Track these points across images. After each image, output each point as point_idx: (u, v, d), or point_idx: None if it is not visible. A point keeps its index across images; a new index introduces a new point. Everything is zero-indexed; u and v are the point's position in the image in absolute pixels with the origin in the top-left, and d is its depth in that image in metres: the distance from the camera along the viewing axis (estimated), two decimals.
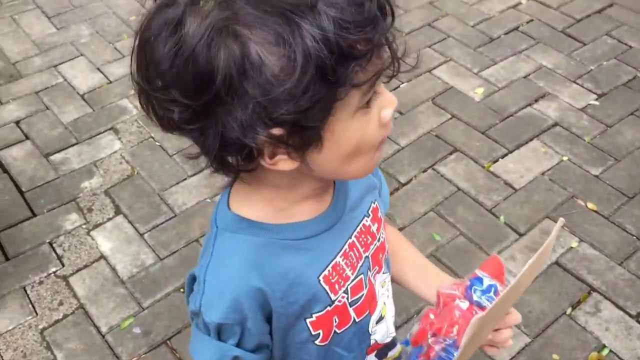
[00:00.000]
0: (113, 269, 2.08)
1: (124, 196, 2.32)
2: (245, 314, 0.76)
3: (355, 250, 0.84)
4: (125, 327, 1.91)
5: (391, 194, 2.29)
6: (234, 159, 0.69)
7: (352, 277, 0.83)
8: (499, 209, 2.23)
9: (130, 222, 2.22)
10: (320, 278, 0.79)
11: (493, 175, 2.34)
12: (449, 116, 2.57)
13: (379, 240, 0.89)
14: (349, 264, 0.83)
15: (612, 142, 2.45)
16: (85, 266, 2.09)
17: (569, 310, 1.93)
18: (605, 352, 1.82)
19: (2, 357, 1.86)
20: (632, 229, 2.14)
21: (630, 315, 1.90)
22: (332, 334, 0.84)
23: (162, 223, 2.21)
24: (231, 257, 0.77)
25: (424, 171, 2.36)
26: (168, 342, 1.89)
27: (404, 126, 2.54)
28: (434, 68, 2.80)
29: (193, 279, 0.82)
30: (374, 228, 0.87)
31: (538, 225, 2.17)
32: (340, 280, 0.82)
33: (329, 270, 0.80)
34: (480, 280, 0.87)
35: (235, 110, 0.63)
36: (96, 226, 2.21)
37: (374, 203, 0.89)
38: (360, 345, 0.90)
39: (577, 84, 2.71)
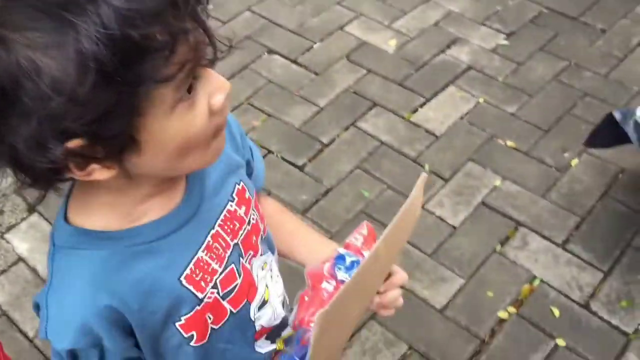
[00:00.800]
0: (33, 270, 1.97)
1: (36, 193, 2.19)
2: (98, 335, 0.70)
3: (221, 241, 0.78)
4: None
5: (315, 156, 2.26)
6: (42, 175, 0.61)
7: (220, 270, 0.77)
8: (423, 157, 2.24)
9: (46, 219, 2.11)
10: (182, 279, 0.73)
11: (414, 125, 2.35)
12: (365, 71, 2.55)
13: (249, 224, 0.83)
14: (215, 256, 0.77)
15: (525, 79, 2.50)
16: (3, 271, 1.97)
17: (498, 247, 1.97)
18: (536, 282, 1.87)
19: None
20: (551, 161, 2.20)
21: (556, 244, 1.96)
22: (209, 332, 0.79)
23: None
24: (72, 278, 0.70)
25: (346, 129, 2.34)
26: None
27: (320, 86, 2.50)
28: (345, 25, 2.76)
29: (36, 306, 0.74)
30: (241, 212, 0.81)
31: (462, 169, 2.19)
32: (206, 276, 0.76)
33: (190, 269, 0.74)
34: (342, 258, 0.85)
35: (18, 127, 0.56)
36: (10, 228, 2.09)
37: (239, 184, 0.82)
38: (245, 334, 0.86)
39: (486, 25, 2.74)
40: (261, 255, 0.87)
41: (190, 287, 0.74)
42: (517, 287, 1.86)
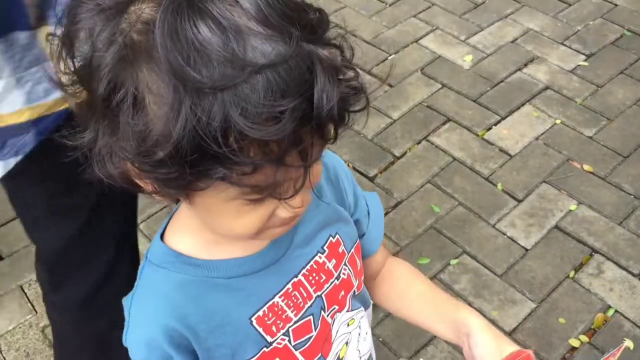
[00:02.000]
0: None
1: None
2: (167, 352, 0.71)
3: (302, 290, 0.76)
4: None
5: (386, 168, 2.27)
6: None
7: (295, 319, 0.76)
8: (496, 176, 2.21)
9: None
10: (253, 319, 0.73)
11: (487, 143, 2.32)
12: (440, 86, 2.54)
13: (337, 278, 0.80)
14: (292, 304, 0.76)
15: (604, 102, 2.44)
16: None
17: (572, 274, 1.93)
18: (610, 312, 1.82)
19: (4, 357, 1.82)
20: (630, 188, 2.14)
21: (633, 275, 1.91)
22: None
23: None
24: (152, 293, 0.73)
25: (418, 143, 2.34)
26: None
27: (394, 99, 2.50)
28: (421, 38, 2.76)
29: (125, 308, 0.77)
30: (330, 265, 0.79)
31: (535, 191, 2.16)
32: (278, 321, 0.75)
33: (263, 311, 0.74)
34: None
35: (106, 134, 0.56)
36: None
37: (334, 237, 0.80)
38: None
39: (565, 45, 2.69)
40: (348, 311, 0.84)
41: (260, 329, 0.74)
42: (590, 315, 1.82)
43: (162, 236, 0.75)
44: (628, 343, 0.74)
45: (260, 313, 0.74)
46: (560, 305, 1.85)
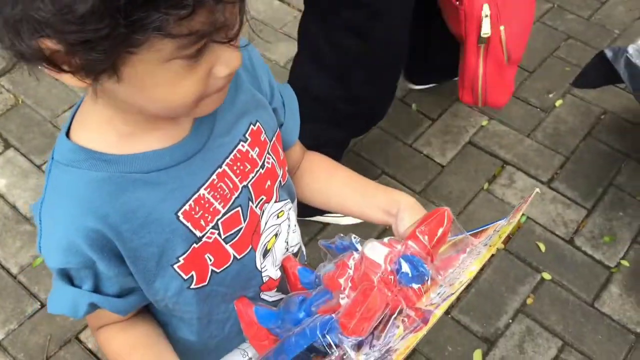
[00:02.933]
0: (13, 207, 1.90)
1: (11, 128, 2.10)
2: (88, 256, 0.67)
3: (228, 181, 0.74)
4: (39, 265, 1.78)
5: None
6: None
7: (223, 211, 0.74)
8: (410, 97, 2.22)
9: (23, 154, 2.03)
10: (179, 214, 0.70)
11: None
12: None
13: (262, 167, 0.78)
14: (219, 196, 0.73)
15: None
16: None
17: (486, 185, 1.99)
18: (523, 219, 1.91)
19: None
20: (536, 102, 2.22)
21: (541, 182, 2.00)
22: (209, 274, 0.76)
23: None
24: (64, 195, 0.67)
25: None
26: None
27: None
28: None
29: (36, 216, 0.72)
30: (253, 154, 0.77)
31: (449, 110, 2.19)
32: (206, 215, 0.72)
33: (190, 205, 0.71)
34: (410, 262, 0.72)
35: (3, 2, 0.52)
36: None
37: (254, 125, 0.78)
38: (249, 282, 0.82)
39: None
40: (276, 201, 0.83)
41: (188, 224, 0.71)
42: None
43: (67, 134, 0.69)
44: (538, 190, 0.77)
45: (187, 207, 0.71)
46: (477, 216, 1.91)
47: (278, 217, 0.84)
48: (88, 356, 1.65)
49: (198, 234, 0.72)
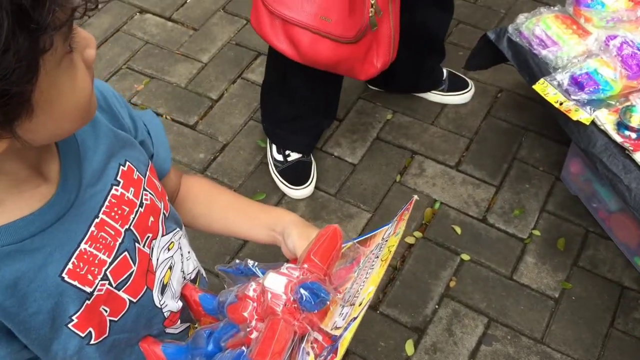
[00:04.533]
0: None
1: None
2: None
3: (108, 229, 0.72)
4: None
5: (206, 113, 2.21)
6: None
7: (109, 260, 0.72)
8: None
9: None
10: (64, 275, 0.68)
11: None
12: (244, 21, 2.49)
13: (141, 206, 0.77)
14: (102, 246, 0.72)
15: None
16: None
17: (398, 178, 2.03)
18: (437, 205, 1.96)
19: None
20: None
21: (450, 167, 2.06)
22: (108, 325, 0.75)
23: None
24: None
25: (234, 82, 2.30)
26: None
27: (201, 42, 2.42)
28: None
29: None
30: (129, 195, 0.75)
31: (353, 108, 2.22)
32: (92, 268, 0.71)
33: (73, 263, 0.69)
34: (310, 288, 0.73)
35: None
36: None
37: (124, 165, 0.76)
38: (151, 321, 0.81)
39: None
40: (163, 235, 0.82)
41: (75, 282, 0.69)
42: (420, 212, 1.94)
43: None
44: (416, 197, 0.80)
45: (70, 266, 0.69)
46: (392, 209, 1.95)
47: (169, 249, 0.83)
48: None
49: (88, 289, 0.70)
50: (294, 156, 2.00)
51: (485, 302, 1.76)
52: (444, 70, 2.21)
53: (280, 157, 2.01)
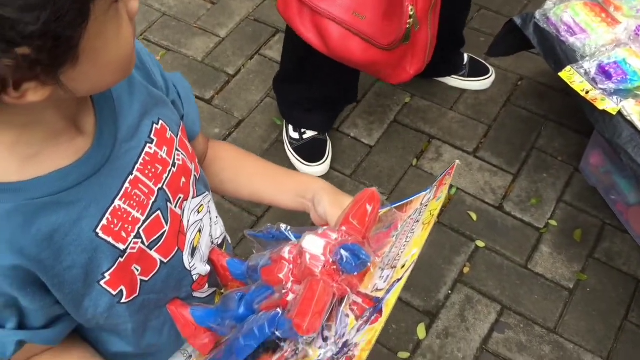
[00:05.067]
0: None
1: None
2: (10, 295, 0.64)
3: (142, 187, 0.71)
4: None
5: (222, 88, 2.19)
6: None
7: (142, 218, 0.72)
8: None
9: None
10: (98, 230, 0.67)
11: None
12: None
13: (174, 165, 0.76)
14: (135, 204, 0.71)
15: None
16: None
17: (414, 162, 2.01)
18: (453, 191, 1.94)
19: None
20: None
21: (467, 153, 2.04)
22: (139, 285, 0.74)
23: None
24: None
25: (251, 58, 2.27)
26: None
27: (219, 16, 2.39)
28: None
29: None
30: (162, 154, 0.74)
31: (371, 90, 2.20)
32: (126, 225, 0.70)
33: (107, 219, 0.68)
34: (351, 249, 0.71)
35: None
36: None
37: (157, 123, 0.75)
38: (180, 284, 0.80)
39: None
40: (194, 197, 0.81)
41: (109, 239, 0.68)
42: None
43: None
44: (458, 161, 0.78)
45: (104, 222, 0.67)
46: (408, 193, 1.91)
47: (199, 212, 0.82)
48: None
49: (121, 247, 0.69)
50: (309, 134, 1.98)
51: (499, 290, 1.74)
52: (465, 56, 2.18)
53: (296, 135, 1.99)
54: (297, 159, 1.97)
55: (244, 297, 0.77)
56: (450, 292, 1.74)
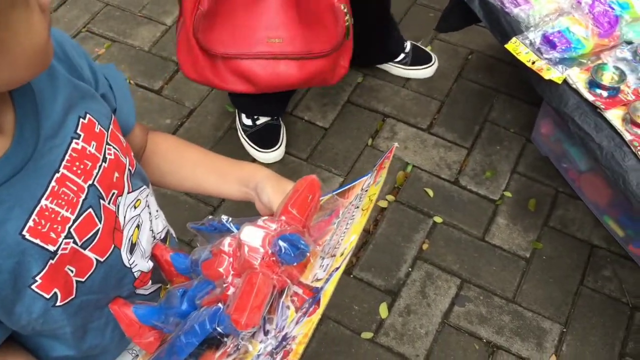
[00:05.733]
0: None
1: None
2: None
3: (70, 184, 0.69)
4: None
5: (171, 77, 2.14)
6: None
7: (73, 217, 0.69)
8: None
9: None
10: (25, 233, 0.64)
11: None
12: None
13: (105, 160, 0.73)
14: (64, 203, 0.68)
15: None
16: None
17: (370, 141, 2.01)
18: (409, 168, 1.95)
19: None
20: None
21: (422, 130, 2.04)
22: (75, 286, 0.71)
23: None
24: None
25: None
26: None
27: (163, 4, 2.34)
28: None
29: None
30: (91, 149, 0.71)
31: None
32: (55, 225, 0.67)
33: (34, 220, 0.65)
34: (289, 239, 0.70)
35: None
36: None
37: (84, 118, 0.72)
38: (121, 282, 0.78)
39: None
40: (129, 192, 0.78)
41: (37, 241, 0.65)
42: (392, 175, 1.93)
43: None
44: (396, 144, 0.78)
45: (31, 223, 0.65)
46: (364, 173, 1.92)
47: (135, 207, 0.80)
48: None
49: (51, 248, 0.67)
50: (262, 119, 1.95)
51: (458, 264, 1.76)
52: (408, 43, 2.16)
53: (249, 122, 1.96)
54: (251, 145, 1.95)
55: (186, 293, 0.75)
56: (410, 269, 1.75)
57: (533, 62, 1.62)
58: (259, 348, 0.66)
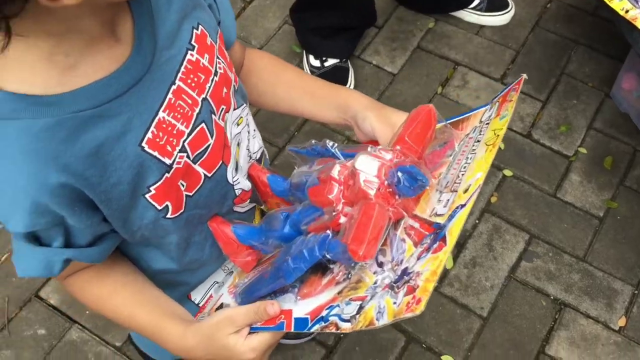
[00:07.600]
0: None
1: None
2: (58, 214, 0.61)
3: (185, 97, 0.67)
4: None
5: (239, 14, 2.10)
6: None
7: (187, 131, 0.68)
8: None
9: None
10: (144, 145, 0.64)
11: None
12: None
13: (216, 74, 0.71)
14: (179, 115, 0.67)
15: None
16: None
17: (439, 89, 1.95)
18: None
19: None
20: None
21: (495, 80, 1.96)
22: (184, 201, 0.71)
23: None
24: (11, 153, 0.58)
25: None
26: None
27: None
28: None
29: None
30: (204, 61, 0.69)
31: (393, 14, 2.11)
32: (171, 139, 0.66)
33: (152, 132, 0.64)
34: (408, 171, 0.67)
35: None
36: None
37: (197, 29, 0.69)
38: (224, 198, 0.78)
39: None
40: (235, 109, 0.77)
41: (155, 153, 0.65)
42: None
43: None
44: (525, 76, 0.72)
45: (150, 135, 0.64)
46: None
47: (238, 125, 0.79)
48: (52, 313, 1.58)
49: (167, 161, 0.66)
50: (331, 61, 1.90)
51: (527, 219, 1.71)
52: None
53: (317, 63, 1.92)
54: None
55: (289, 216, 0.74)
56: (477, 221, 1.71)
57: (627, 11, 1.52)
58: (375, 279, 0.64)
